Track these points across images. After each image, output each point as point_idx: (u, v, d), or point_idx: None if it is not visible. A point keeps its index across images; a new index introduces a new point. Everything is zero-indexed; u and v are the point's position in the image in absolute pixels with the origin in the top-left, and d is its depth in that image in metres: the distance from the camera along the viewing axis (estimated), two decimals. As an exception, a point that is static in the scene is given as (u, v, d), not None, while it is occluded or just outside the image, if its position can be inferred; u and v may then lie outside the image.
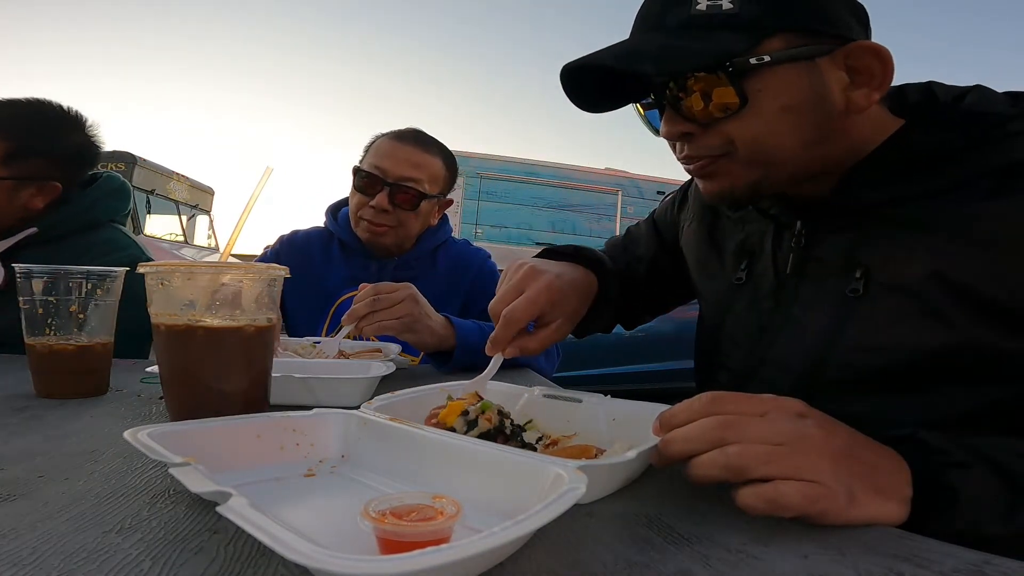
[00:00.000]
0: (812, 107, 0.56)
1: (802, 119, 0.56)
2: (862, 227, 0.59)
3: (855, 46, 0.55)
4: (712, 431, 0.40)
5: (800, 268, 0.63)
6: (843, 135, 0.58)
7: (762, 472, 0.38)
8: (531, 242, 6.48)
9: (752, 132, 0.56)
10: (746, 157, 0.57)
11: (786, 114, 0.56)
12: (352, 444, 0.46)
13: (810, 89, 0.55)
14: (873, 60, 0.55)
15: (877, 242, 0.57)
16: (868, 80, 0.56)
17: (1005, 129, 0.54)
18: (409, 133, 1.24)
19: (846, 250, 0.60)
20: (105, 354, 0.73)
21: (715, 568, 0.32)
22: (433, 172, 1.22)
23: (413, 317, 0.92)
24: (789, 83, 0.55)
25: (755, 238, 0.70)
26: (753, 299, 0.68)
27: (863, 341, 0.56)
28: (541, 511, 0.28)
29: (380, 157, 1.20)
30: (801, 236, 0.64)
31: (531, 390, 0.62)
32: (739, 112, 0.55)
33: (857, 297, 0.57)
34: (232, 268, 0.54)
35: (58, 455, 0.47)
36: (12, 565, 0.29)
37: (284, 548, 0.24)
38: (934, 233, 0.55)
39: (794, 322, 0.63)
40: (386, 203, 1.17)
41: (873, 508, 0.38)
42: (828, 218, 0.62)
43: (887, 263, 0.56)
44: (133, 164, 6.52)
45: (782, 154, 0.57)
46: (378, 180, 1.18)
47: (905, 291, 0.55)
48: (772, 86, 0.55)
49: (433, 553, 0.24)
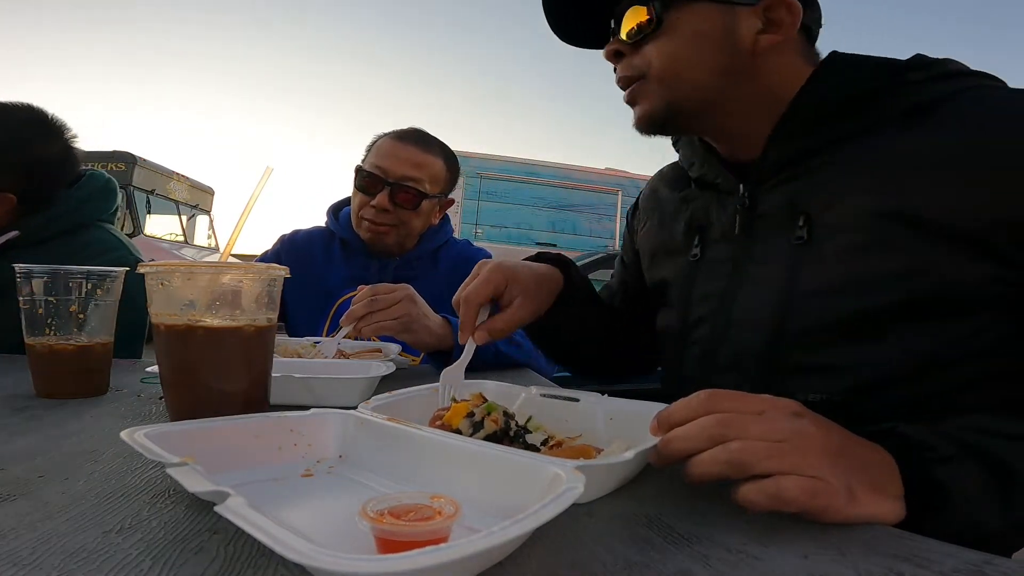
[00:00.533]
0: (720, 39, 0.63)
1: (709, 47, 0.63)
2: (798, 177, 0.63)
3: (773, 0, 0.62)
4: (712, 428, 0.40)
5: (749, 228, 0.66)
6: (753, 76, 0.64)
7: (764, 467, 0.38)
8: (531, 242, 6.48)
9: (665, 52, 0.64)
10: (659, 75, 0.64)
11: (696, 39, 0.63)
12: (350, 444, 0.46)
13: (721, 25, 0.63)
14: (784, 12, 0.63)
15: (813, 189, 0.61)
16: (776, 27, 0.63)
17: (903, 77, 0.60)
18: (410, 133, 1.24)
19: (787, 201, 0.63)
20: (105, 354, 0.73)
21: (715, 568, 0.32)
22: (434, 172, 1.22)
23: (411, 317, 0.92)
24: (704, 17, 0.63)
25: (700, 213, 0.73)
26: (711, 270, 0.70)
27: (818, 285, 0.58)
28: (539, 511, 0.28)
29: (381, 157, 1.20)
30: (744, 198, 0.67)
31: (528, 390, 0.62)
32: (656, 33, 0.64)
33: (803, 244, 0.60)
34: (232, 268, 0.54)
35: (58, 455, 0.47)
36: (12, 565, 0.29)
37: (283, 547, 0.24)
38: (864, 171, 0.58)
39: (753, 280, 0.65)
40: (387, 203, 1.18)
41: (872, 506, 0.39)
42: (766, 175, 0.65)
43: (826, 206, 0.59)
44: (133, 164, 6.53)
45: (690, 76, 0.64)
46: (379, 180, 1.18)
47: (848, 228, 0.57)
48: (688, 17, 0.63)
49: (431, 552, 0.24)
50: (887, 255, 0.54)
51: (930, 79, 0.59)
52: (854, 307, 0.55)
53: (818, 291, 0.58)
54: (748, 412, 0.41)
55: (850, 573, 0.32)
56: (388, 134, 1.25)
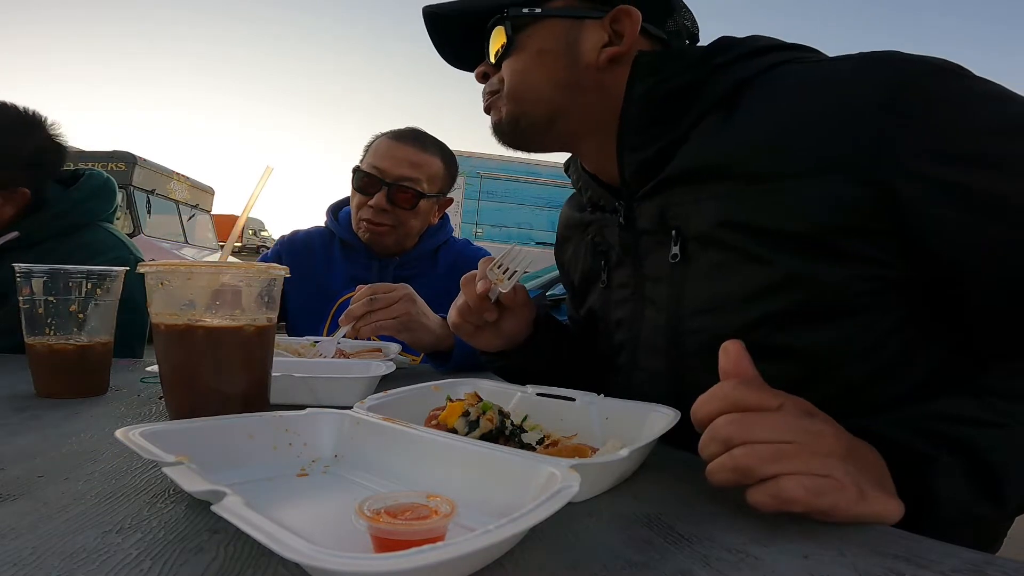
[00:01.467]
0: (562, 54, 0.64)
1: (552, 62, 0.64)
2: (660, 189, 0.62)
3: (618, 10, 0.62)
4: (722, 430, 0.39)
5: (634, 246, 0.66)
6: (598, 89, 0.64)
7: (769, 471, 0.37)
8: (531, 242, 6.48)
9: (514, 68, 0.66)
10: (509, 90, 0.66)
11: (540, 56, 0.64)
12: (345, 444, 0.46)
13: (564, 41, 0.64)
14: (627, 23, 0.62)
15: (675, 201, 0.60)
16: (619, 37, 0.63)
17: (709, 64, 0.59)
18: (408, 133, 1.24)
19: (658, 216, 0.62)
20: (105, 354, 0.73)
21: (715, 568, 0.32)
22: (432, 172, 1.22)
23: (409, 316, 0.92)
24: (549, 33, 0.64)
25: (599, 237, 0.73)
26: (619, 295, 0.70)
27: (699, 303, 0.58)
28: (534, 510, 0.28)
29: (379, 157, 1.20)
30: (621, 216, 0.67)
31: (524, 389, 0.62)
32: (508, 53, 0.66)
33: (679, 261, 0.59)
34: (232, 268, 0.54)
35: (58, 455, 0.47)
36: (12, 565, 0.29)
37: (280, 546, 0.24)
38: (707, 178, 0.57)
39: (648, 302, 0.65)
40: (385, 203, 1.18)
41: (879, 504, 0.38)
42: (633, 189, 0.65)
43: (689, 220, 0.59)
44: (133, 164, 6.53)
45: (534, 90, 0.65)
46: (377, 180, 1.18)
47: (711, 242, 0.56)
48: (536, 34, 0.64)
49: (428, 551, 0.24)
50: (750, 270, 0.54)
51: (734, 60, 0.58)
52: (740, 321, 0.54)
53: (701, 310, 0.57)
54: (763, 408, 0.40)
55: (850, 573, 0.32)
56: (385, 134, 1.25)
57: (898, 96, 0.48)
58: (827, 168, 0.50)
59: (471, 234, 6.20)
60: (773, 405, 0.40)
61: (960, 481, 0.43)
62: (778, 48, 0.59)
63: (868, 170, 0.48)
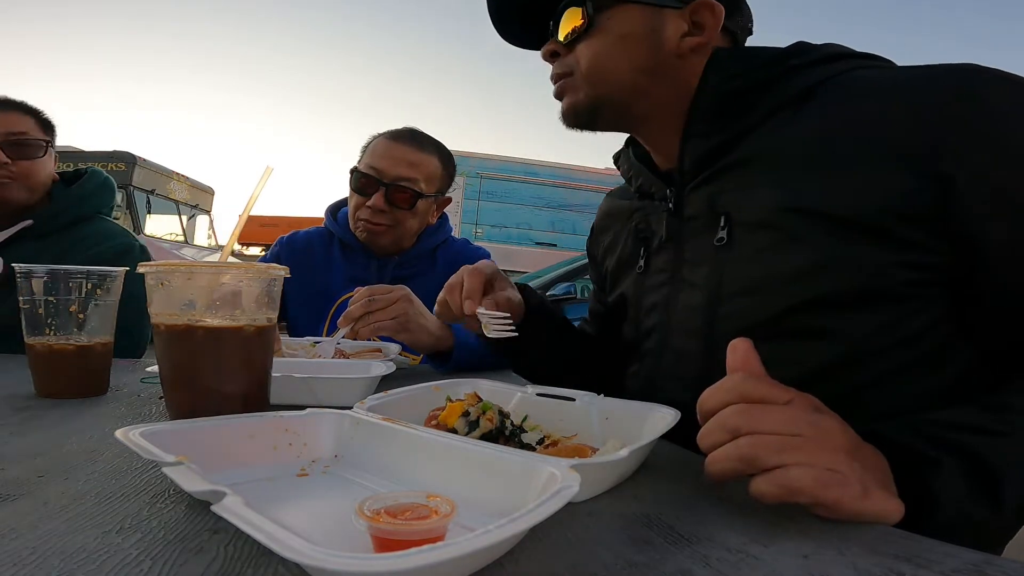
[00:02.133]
0: (645, 39, 0.65)
1: (634, 46, 0.65)
2: (714, 178, 0.64)
3: (700, 2, 0.64)
4: (729, 420, 0.39)
5: (678, 232, 0.68)
6: (674, 77, 0.66)
7: (775, 461, 0.37)
8: (531, 242, 6.48)
9: (593, 50, 0.66)
10: (585, 71, 0.67)
11: (622, 39, 0.65)
12: (345, 444, 0.46)
13: (648, 26, 0.65)
14: (708, 14, 0.64)
15: (728, 188, 0.62)
16: (700, 29, 0.65)
17: (787, 64, 0.61)
18: (405, 133, 1.24)
19: (707, 203, 0.64)
20: (105, 354, 0.73)
21: (715, 568, 0.32)
22: (429, 171, 1.22)
23: (407, 317, 0.92)
24: (631, 18, 0.65)
25: (643, 224, 0.75)
26: (654, 280, 0.72)
27: (740, 285, 0.59)
28: (534, 510, 0.28)
29: (376, 157, 1.20)
30: (669, 203, 0.68)
31: (524, 389, 0.62)
32: (586, 34, 0.66)
33: (724, 245, 0.61)
34: (232, 268, 0.54)
35: (58, 455, 0.47)
36: (12, 565, 0.29)
37: (280, 546, 0.24)
38: (767, 166, 0.59)
39: (687, 284, 0.66)
40: (382, 203, 1.18)
41: (881, 502, 0.39)
42: (687, 178, 0.67)
43: (740, 205, 0.60)
44: (133, 164, 6.53)
45: (614, 73, 0.66)
46: (374, 180, 1.18)
47: (760, 226, 0.58)
48: (617, 17, 0.65)
49: (428, 551, 0.24)
50: (798, 251, 0.55)
51: (810, 63, 0.60)
52: (778, 305, 0.56)
53: (742, 291, 0.59)
54: (772, 401, 0.40)
55: (850, 573, 0.31)
56: (383, 134, 1.25)
57: (964, 101, 0.51)
58: (890, 159, 0.52)
59: (471, 234, 6.20)
60: (782, 399, 0.40)
61: (960, 483, 0.43)
62: (853, 56, 0.62)
63: (929, 163, 0.51)
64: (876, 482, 0.39)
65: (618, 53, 0.65)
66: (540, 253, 6.23)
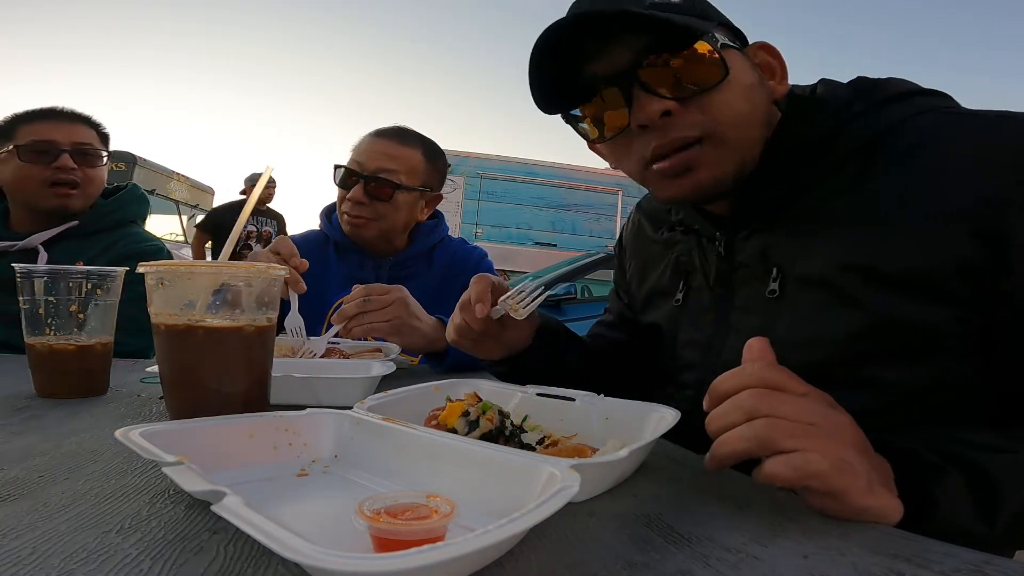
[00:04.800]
0: (759, 89, 0.60)
1: (759, 98, 0.60)
2: (769, 228, 0.62)
3: (754, 45, 0.61)
4: (746, 401, 0.40)
5: (728, 277, 0.66)
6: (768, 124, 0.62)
7: (789, 445, 0.38)
8: (531, 242, 6.48)
9: (733, 105, 0.56)
10: (725, 136, 0.57)
11: (751, 92, 0.59)
12: (345, 444, 0.46)
13: (754, 73, 0.60)
14: (768, 55, 0.61)
15: (784, 240, 0.60)
16: (770, 74, 0.62)
17: (851, 111, 0.58)
18: (390, 129, 1.25)
19: (760, 252, 0.62)
20: (105, 354, 0.73)
21: (715, 568, 0.32)
22: (411, 164, 1.22)
23: (401, 320, 0.92)
24: (743, 65, 0.59)
25: (685, 256, 0.73)
26: (696, 316, 0.71)
27: (791, 337, 0.58)
28: (534, 510, 0.28)
29: (359, 152, 1.21)
30: (720, 245, 0.66)
31: (524, 389, 0.62)
32: (721, 84, 0.56)
33: (776, 297, 0.60)
34: (232, 268, 0.54)
35: (58, 455, 0.47)
36: (12, 565, 0.29)
37: (280, 546, 0.24)
38: (826, 222, 0.58)
39: (735, 330, 0.65)
40: (361, 195, 1.18)
41: (885, 499, 0.39)
42: (740, 224, 0.64)
43: (795, 260, 0.59)
44: (133, 164, 6.53)
45: (752, 136, 0.59)
46: (355, 174, 1.20)
47: (815, 284, 0.57)
48: (735, 65, 0.57)
49: (428, 551, 0.24)
50: (853, 312, 0.55)
51: (872, 108, 0.58)
52: (828, 360, 0.56)
53: (793, 345, 0.58)
54: (790, 391, 0.41)
55: (850, 573, 0.32)
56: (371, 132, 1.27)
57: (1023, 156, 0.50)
58: (951, 218, 0.51)
59: (471, 234, 6.19)
60: (799, 390, 0.41)
61: (963, 490, 0.43)
62: (917, 93, 0.59)
63: (989, 222, 0.50)
64: (880, 480, 0.40)
65: (751, 107, 0.58)
66: (540, 253, 6.23)
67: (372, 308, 0.91)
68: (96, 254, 1.19)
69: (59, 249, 1.18)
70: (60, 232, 1.20)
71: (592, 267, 4.57)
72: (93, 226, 1.24)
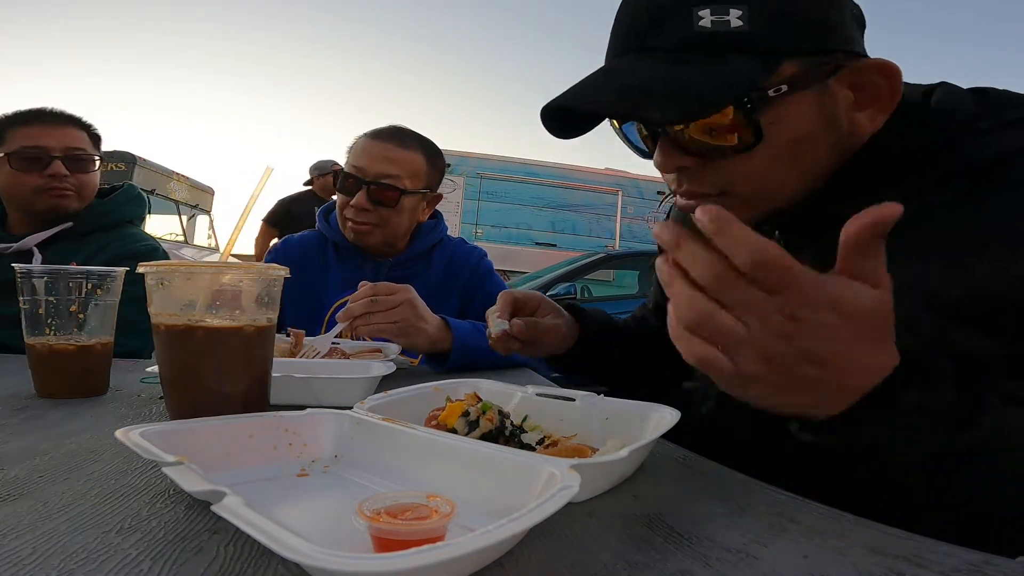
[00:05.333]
0: (821, 136, 0.52)
1: (810, 150, 0.52)
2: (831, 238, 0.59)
3: (863, 64, 0.51)
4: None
5: None
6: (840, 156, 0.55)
7: None
8: (531, 242, 6.48)
9: (758, 170, 0.52)
10: (746, 195, 0.54)
11: (796, 146, 0.52)
12: (345, 444, 0.46)
13: (821, 116, 0.52)
14: (879, 78, 0.51)
15: None
16: (873, 100, 0.52)
17: (976, 126, 0.51)
18: (387, 130, 1.23)
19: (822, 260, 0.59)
20: (105, 354, 0.73)
21: (715, 568, 0.32)
22: (413, 167, 1.20)
23: (407, 322, 0.92)
24: (802, 112, 0.51)
25: None
26: None
27: None
28: (534, 510, 0.29)
29: (357, 156, 1.19)
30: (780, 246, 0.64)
31: (524, 389, 0.62)
32: (750, 150, 0.51)
33: None
34: (232, 268, 0.54)
35: (58, 455, 0.47)
36: (12, 565, 0.29)
37: (280, 547, 0.24)
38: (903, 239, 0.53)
39: None
40: (365, 202, 1.17)
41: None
42: (805, 227, 0.59)
43: None
44: (133, 164, 6.52)
45: (783, 190, 0.54)
46: (356, 179, 1.18)
47: None
48: (785, 117, 0.50)
49: (428, 551, 0.24)
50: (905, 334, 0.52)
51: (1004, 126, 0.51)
52: None
53: None
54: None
55: (850, 573, 0.32)
56: (366, 133, 1.25)
57: None
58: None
59: (471, 234, 6.19)
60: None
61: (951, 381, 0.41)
62: None
63: None
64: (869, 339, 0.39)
65: (791, 162, 0.52)
66: (540, 253, 6.23)
67: (379, 309, 0.91)
68: (91, 255, 1.18)
69: (54, 250, 1.17)
70: (55, 233, 1.19)
71: (591, 267, 4.58)
72: (88, 227, 1.23)
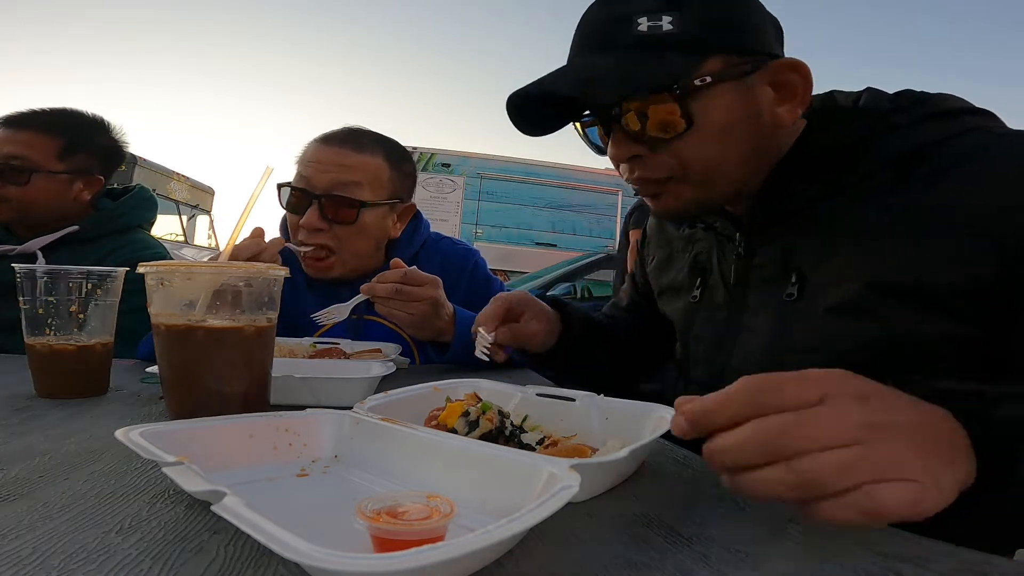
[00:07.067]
0: (747, 124, 0.59)
1: (740, 136, 0.59)
2: (792, 232, 0.63)
3: (779, 63, 0.59)
4: (767, 438, 0.33)
5: (744, 277, 0.67)
6: (773, 149, 0.62)
7: (844, 484, 0.31)
8: (531, 242, 6.48)
9: (697, 153, 0.59)
10: (694, 177, 0.60)
11: (725, 132, 0.58)
12: (345, 444, 0.46)
13: (744, 107, 0.58)
14: (795, 76, 0.59)
15: (806, 246, 0.61)
16: (791, 95, 0.59)
17: (889, 122, 0.58)
18: (340, 133, 1.03)
19: (781, 256, 0.63)
20: (105, 354, 0.73)
21: (715, 568, 0.32)
22: (373, 174, 1.00)
23: (423, 318, 0.91)
24: (727, 102, 0.57)
25: (704, 255, 0.75)
26: (709, 314, 0.72)
27: (805, 342, 0.59)
28: (534, 510, 0.28)
29: (305, 165, 0.99)
30: (740, 247, 0.67)
31: (524, 389, 0.62)
32: (685, 133, 0.57)
33: (793, 301, 0.60)
34: (232, 268, 0.54)
35: (58, 455, 0.47)
36: (12, 565, 0.29)
37: (280, 547, 0.24)
38: (853, 230, 0.58)
39: (746, 329, 0.66)
40: (317, 220, 0.96)
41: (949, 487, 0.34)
42: (761, 227, 0.65)
43: (817, 266, 0.59)
44: (133, 164, 6.52)
45: (726, 172, 0.60)
46: (305, 193, 0.97)
47: (835, 290, 0.57)
48: (712, 105, 0.57)
49: (428, 551, 0.24)
50: (869, 323, 0.55)
51: (914, 122, 0.58)
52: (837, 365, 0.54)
53: (805, 349, 0.59)
54: (804, 406, 0.33)
55: (850, 573, 0.32)
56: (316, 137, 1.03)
57: None
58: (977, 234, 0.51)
59: (471, 235, 6.19)
60: (814, 399, 0.34)
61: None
62: (966, 112, 0.59)
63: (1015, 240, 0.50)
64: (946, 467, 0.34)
65: (723, 147, 0.59)
66: (540, 253, 6.23)
67: (403, 297, 0.87)
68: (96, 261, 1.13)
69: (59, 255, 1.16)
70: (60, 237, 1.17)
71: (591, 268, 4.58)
72: (95, 231, 1.21)
